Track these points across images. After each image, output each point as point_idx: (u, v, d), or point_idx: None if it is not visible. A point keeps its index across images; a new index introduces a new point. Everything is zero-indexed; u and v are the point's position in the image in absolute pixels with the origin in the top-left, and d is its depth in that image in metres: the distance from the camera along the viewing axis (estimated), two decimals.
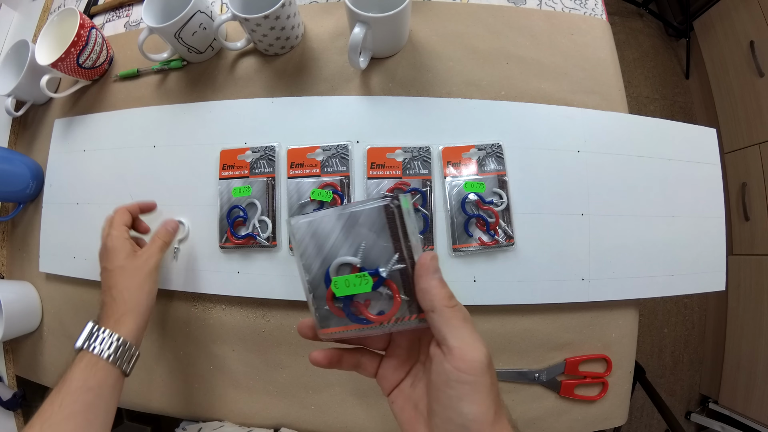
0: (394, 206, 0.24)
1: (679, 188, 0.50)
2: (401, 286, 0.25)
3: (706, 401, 1.29)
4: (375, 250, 0.25)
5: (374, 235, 0.25)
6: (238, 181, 0.50)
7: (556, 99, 0.52)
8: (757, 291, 1.14)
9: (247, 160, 0.51)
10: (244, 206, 0.50)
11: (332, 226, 0.25)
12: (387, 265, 0.25)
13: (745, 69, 1.24)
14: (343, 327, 0.26)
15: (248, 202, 0.50)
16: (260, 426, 0.50)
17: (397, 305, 0.25)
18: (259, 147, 0.51)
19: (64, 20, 0.56)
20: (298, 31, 0.54)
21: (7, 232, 0.64)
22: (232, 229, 0.49)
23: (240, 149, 0.51)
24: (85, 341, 0.37)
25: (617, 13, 1.58)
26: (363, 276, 0.24)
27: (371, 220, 0.24)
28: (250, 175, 0.50)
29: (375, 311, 0.25)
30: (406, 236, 0.24)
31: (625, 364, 0.49)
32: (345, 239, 0.25)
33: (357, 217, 0.25)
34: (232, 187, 0.50)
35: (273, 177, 0.50)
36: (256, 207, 0.49)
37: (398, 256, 0.24)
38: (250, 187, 0.50)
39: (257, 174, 0.50)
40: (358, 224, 0.25)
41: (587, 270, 0.47)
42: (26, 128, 0.66)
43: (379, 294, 0.25)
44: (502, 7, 0.56)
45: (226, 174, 0.51)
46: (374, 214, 0.24)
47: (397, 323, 0.25)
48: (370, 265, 0.25)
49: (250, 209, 0.50)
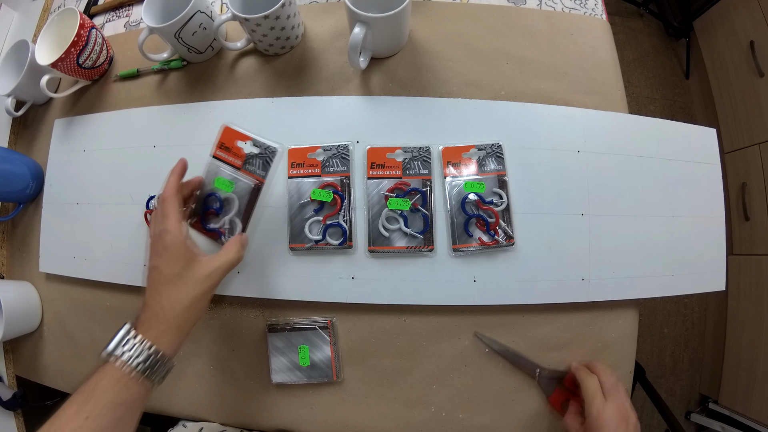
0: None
1: (679, 188, 0.50)
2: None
3: (706, 401, 1.29)
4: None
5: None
6: (226, 172, 0.47)
7: (556, 99, 0.52)
8: (757, 291, 1.14)
9: (246, 151, 0.48)
10: (222, 197, 0.46)
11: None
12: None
13: (745, 69, 1.24)
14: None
15: (226, 197, 0.47)
16: (261, 427, 0.50)
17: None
18: (257, 148, 0.50)
19: (64, 20, 0.56)
20: (298, 31, 0.54)
21: (7, 232, 0.64)
22: (203, 217, 0.47)
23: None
24: (117, 346, 0.33)
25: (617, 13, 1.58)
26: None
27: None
28: (242, 168, 0.47)
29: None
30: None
31: (625, 364, 0.49)
32: None
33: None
34: (216, 176, 0.46)
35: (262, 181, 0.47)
36: (232, 204, 0.47)
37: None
38: (233, 184, 0.47)
39: (249, 171, 0.47)
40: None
41: (587, 270, 0.47)
42: (26, 128, 0.67)
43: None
44: (502, 7, 0.56)
45: (219, 154, 0.48)
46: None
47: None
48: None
49: (226, 205, 0.47)
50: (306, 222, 0.48)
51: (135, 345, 0.33)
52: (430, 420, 0.48)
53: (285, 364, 0.49)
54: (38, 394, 0.61)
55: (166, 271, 0.36)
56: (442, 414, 0.47)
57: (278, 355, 0.49)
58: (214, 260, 0.38)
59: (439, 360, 0.48)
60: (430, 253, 0.47)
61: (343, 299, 0.48)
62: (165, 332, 0.35)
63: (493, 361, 0.48)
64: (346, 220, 0.48)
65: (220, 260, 0.39)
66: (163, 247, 0.37)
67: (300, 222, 0.49)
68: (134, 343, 0.33)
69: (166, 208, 0.38)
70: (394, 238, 0.47)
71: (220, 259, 0.39)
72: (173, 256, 0.36)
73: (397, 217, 0.47)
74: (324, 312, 0.49)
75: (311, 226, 0.48)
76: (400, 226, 0.47)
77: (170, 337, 0.35)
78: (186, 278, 0.36)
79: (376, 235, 0.48)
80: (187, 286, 0.36)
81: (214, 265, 0.38)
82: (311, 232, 0.48)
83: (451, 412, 0.47)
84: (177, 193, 0.40)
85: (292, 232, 0.49)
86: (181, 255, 0.37)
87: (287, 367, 0.49)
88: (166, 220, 0.37)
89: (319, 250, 0.48)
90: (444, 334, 0.48)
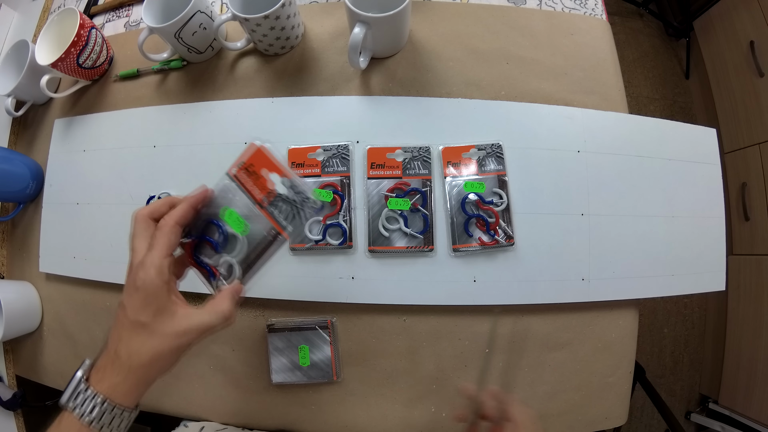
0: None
1: (679, 188, 0.50)
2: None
3: (706, 401, 1.29)
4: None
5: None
6: (241, 204, 0.42)
7: (556, 99, 0.52)
8: (757, 291, 1.14)
9: (276, 188, 0.43)
10: (227, 232, 0.39)
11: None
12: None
13: (745, 69, 1.24)
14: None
15: (232, 234, 0.39)
16: (261, 427, 0.50)
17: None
18: (292, 191, 0.48)
19: (64, 20, 0.56)
20: (298, 31, 0.54)
21: (7, 232, 0.64)
22: (197, 243, 0.37)
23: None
24: (70, 398, 0.29)
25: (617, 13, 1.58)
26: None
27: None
28: (264, 208, 0.44)
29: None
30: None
31: (625, 364, 0.49)
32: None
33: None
34: (227, 205, 0.41)
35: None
36: (238, 247, 0.39)
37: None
38: (247, 227, 0.42)
39: (270, 215, 0.45)
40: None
41: (587, 270, 0.47)
42: (26, 128, 0.67)
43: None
44: (502, 7, 0.56)
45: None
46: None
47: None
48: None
49: (230, 243, 0.41)
50: (306, 222, 0.48)
51: (86, 399, 0.28)
52: (430, 420, 0.48)
53: (285, 364, 0.49)
54: (38, 394, 0.61)
55: (131, 315, 0.29)
56: (442, 414, 0.47)
57: (278, 355, 0.49)
58: (193, 317, 0.31)
59: (439, 360, 0.48)
60: (430, 253, 0.47)
61: (343, 299, 0.48)
62: (121, 384, 0.29)
63: (494, 361, 0.48)
64: (346, 220, 0.48)
65: (201, 319, 0.31)
66: (134, 286, 0.30)
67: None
68: (85, 397, 0.29)
69: (157, 237, 0.31)
70: (394, 238, 0.47)
71: (201, 318, 0.31)
72: (143, 300, 0.29)
73: (397, 217, 0.47)
74: (324, 312, 0.49)
75: (311, 226, 0.48)
76: (400, 226, 0.47)
77: (127, 387, 0.29)
78: (152, 330, 0.29)
79: (376, 235, 0.47)
80: (151, 339, 0.29)
81: (191, 322, 0.30)
82: (311, 232, 0.48)
83: (451, 412, 0.47)
84: (179, 225, 0.32)
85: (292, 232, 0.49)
86: (153, 301, 0.30)
87: (287, 367, 0.49)
88: (150, 252, 0.30)
89: (319, 250, 0.48)
90: (444, 334, 0.48)
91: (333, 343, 0.48)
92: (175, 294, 0.32)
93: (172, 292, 0.31)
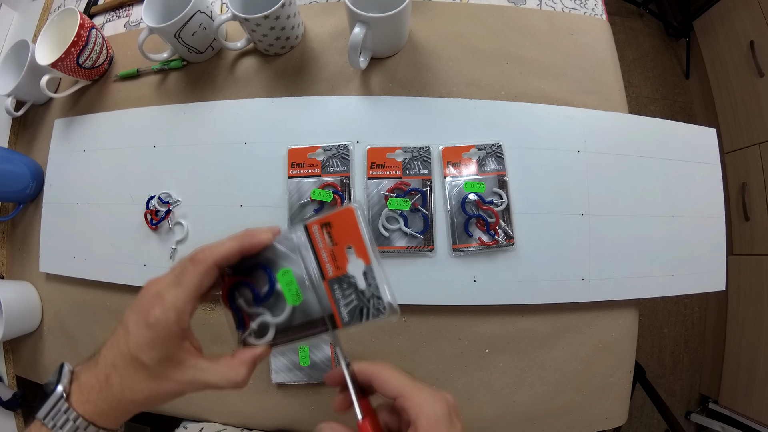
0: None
1: (679, 188, 0.50)
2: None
3: (706, 401, 1.29)
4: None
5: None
6: (304, 273, 0.36)
7: (556, 99, 0.52)
8: (757, 291, 1.14)
9: (350, 271, 0.36)
10: (276, 288, 0.35)
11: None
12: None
13: (745, 69, 1.24)
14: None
15: (278, 294, 0.33)
16: (261, 427, 0.50)
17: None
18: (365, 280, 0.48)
19: (64, 20, 0.56)
20: (298, 31, 0.54)
21: (7, 232, 0.64)
22: (237, 283, 0.30)
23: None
24: (48, 415, 0.26)
25: (617, 13, 1.58)
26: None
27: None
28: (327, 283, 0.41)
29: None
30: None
31: (625, 364, 0.49)
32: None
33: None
34: (286, 264, 0.33)
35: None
36: (280, 311, 0.35)
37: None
38: (300, 298, 0.37)
39: (332, 295, 0.42)
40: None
41: (587, 270, 0.47)
42: (26, 128, 0.67)
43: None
44: (502, 7, 0.56)
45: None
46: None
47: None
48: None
49: (273, 302, 0.38)
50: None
51: (67, 420, 0.25)
52: None
53: (285, 364, 0.49)
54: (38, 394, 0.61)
55: (134, 349, 0.25)
56: None
57: (278, 355, 0.49)
58: (203, 373, 0.27)
59: (439, 360, 0.48)
60: (430, 253, 0.47)
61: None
62: (107, 412, 0.26)
63: (494, 361, 0.48)
64: None
65: (210, 378, 0.27)
66: (146, 321, 0.25)
67: (300, 222, 0.48)
68: (66, 418, 0.25)
69: (189, 273, 0.26)
70: (394, 238, 0.47)
71: (210, 377, 0.27)
72: (151, 341, 0.25)
73: (397, 217, 0.47)
74: None
75: None
76: (400, 226, 0.47)
77: (114, 416, 0.27)
78: (154, 373, 0.26)
79: (376, 235, 0.47)
80: (150, 382, 0.26)
81: (198, 377, 0.27)
82: None
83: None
84: (218, 266, 0.27)
85: None
86: (162, 346, 0.26)
87: (287, 367, 0.49)
88: (174, 290, 0.26)
89: None
90: (444, 334, 0.48)
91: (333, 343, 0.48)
92: (191, 340, 0.28)
93: (188, 338, 0.27)
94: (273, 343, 0.29)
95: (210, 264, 0.26)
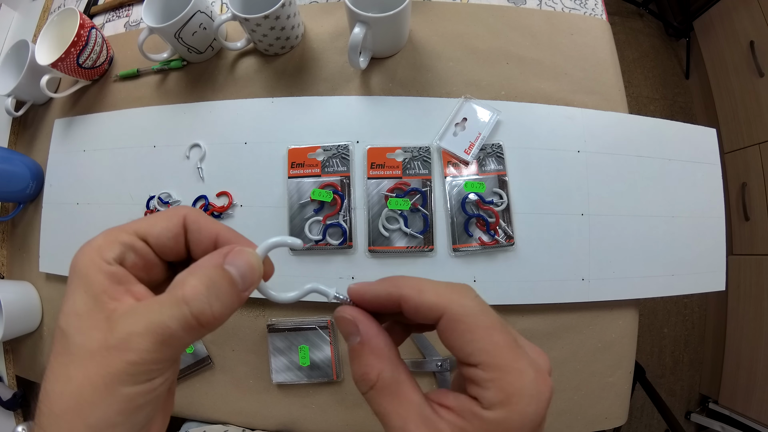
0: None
1: (679, 188, 0.50)
2: None
3: (706, 401, 1.29)
4: None
5: None
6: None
7: (556, 99, 0.52)
8: (757, 291, 1.14)
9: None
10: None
11: None
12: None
13: (745, 69, 1.24)
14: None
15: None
16: (261, 427, 0.50)
17: None
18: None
19: (64, 20, 0.56)
20: (298, 31, 0.54)
21: (7, 232, 0.64)
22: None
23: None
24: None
25: (617, 13, 1.58)
26: None
27: None
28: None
29: None
30: None
31: (625, 364, 0.49)
32: None
33: None
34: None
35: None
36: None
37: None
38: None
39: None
40: None
41: (587, 270, 0.47)
42: (26, 128, 0.66)
43: None
44: (502, 7, 0.56)
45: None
46: None
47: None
48: None
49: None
50: (306, 222, 0.48)
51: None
52: None
53: (285, 364, 0.49)
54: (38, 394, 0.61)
55: (54, 347, 0.17)
56: None
57: (278, 355, 0.49)
58: (139, 312, 0.17)
59: None
60: (430, 253, 0.47)
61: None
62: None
63: None
64: (346, 220, 0.48)
65: (154, 314, 0.17)
66: (73, 269, 0.18)
67: (300, 222, 0.49)
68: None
69: (100, 240, 0.19)
70: (394, 238, 0.47)
71: (153, 312, 0.17)
72: (79, 288, 0.18)
73: (397, 217, 0.47)
74: (324, 312, 0.49)
75: (311, 226, 0.48)
76: (400, 226, 0.47)
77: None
78: (72, 344, 0.17)
79: (376, 235, 0.47)
80: (72, 364, 0.17)
81: (138, 324, 0.16)
82: (311, 232, 0.48)
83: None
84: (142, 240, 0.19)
85: (292, 232, 0.49)
86: (89, 288, 0.17)
87: (288, 367, 0.49)
88: (124, 230, 0.19)
89: (319, 250, 0.48)
90: None
91: (333, 343, 0.48)
92: (131, 285, 0.19)
93: (118, 292, 0.18)
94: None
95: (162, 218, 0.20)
